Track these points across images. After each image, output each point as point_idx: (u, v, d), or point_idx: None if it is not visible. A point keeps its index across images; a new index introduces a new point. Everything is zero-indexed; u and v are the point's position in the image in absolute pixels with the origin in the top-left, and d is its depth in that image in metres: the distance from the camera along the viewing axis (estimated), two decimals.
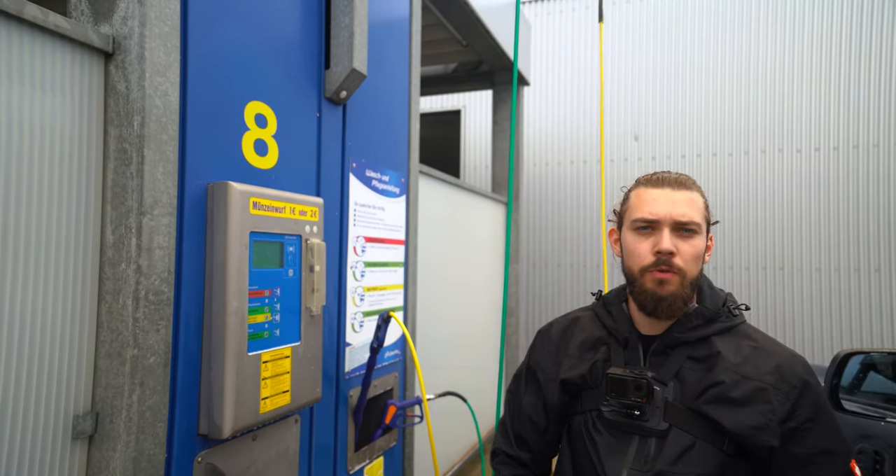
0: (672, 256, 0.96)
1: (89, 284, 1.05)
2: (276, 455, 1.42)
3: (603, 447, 0.99)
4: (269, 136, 1.41)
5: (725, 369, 0.94)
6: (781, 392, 0.92)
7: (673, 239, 0.96)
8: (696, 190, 1.02)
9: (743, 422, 0.90)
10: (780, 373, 0.93)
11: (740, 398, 0.92)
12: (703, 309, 1.00)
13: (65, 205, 1.00)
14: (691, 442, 0.93)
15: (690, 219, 0.96)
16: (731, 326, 1.00)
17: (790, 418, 0.91)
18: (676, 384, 0.97)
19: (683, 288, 0.96)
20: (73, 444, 1.01)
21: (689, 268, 0.97)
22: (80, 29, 0.99)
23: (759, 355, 0.96)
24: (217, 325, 1.19)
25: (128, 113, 1.05)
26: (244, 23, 1.33)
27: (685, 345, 0.99)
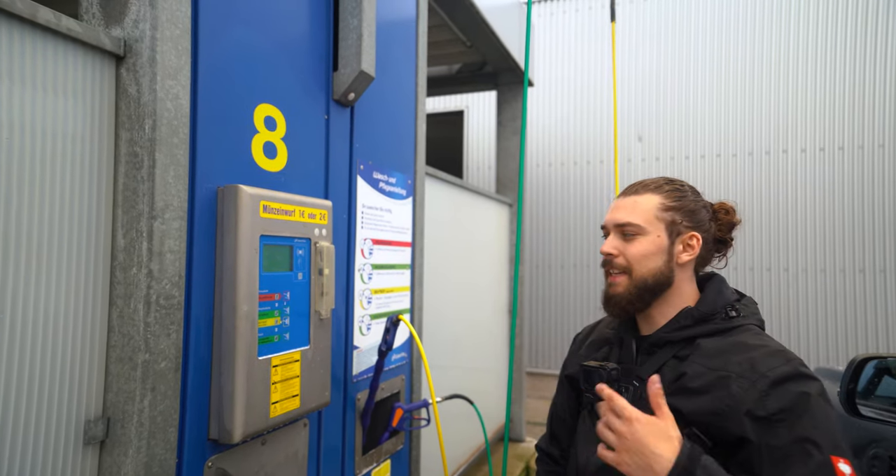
0: (612, 257, 1.04)
1: (100, 289, 1.04)
2: (286, 459, 1.41)
3: (583, 435, 1.07)
4: (278, 138, 1.41)
5: (693, 363, 0.96)
6: (746, 379, 0.89)
7: (617, 241, 1.04)
8: (653, 192, 1.05)
9: (700, 408, 0.91)
10: (752, 363, 0.91)
11: (699, 387, 0.93)
12: (694, 310, 1.01)
13: (76, 208, 0.99)
14: None
15: (626, 221, 1.03)
16: (724, 329, 0.99)
17: (758, 407, 0.87)
18: None
19: (631, 287, 1.02)
20: (84, 450, 1.01)
21: (635, 266, 1.02)
22: (92, 32, 0.98)
23: (737, 351, 0.95)
24: (227, 329, 1.19)
25: (139, 116, 1.05)
26: (253, 25, 1.33)
27: (672, 344, 1.02)
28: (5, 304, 0.88)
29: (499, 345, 3.96)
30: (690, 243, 1.04)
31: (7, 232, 0.88)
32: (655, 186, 1.07)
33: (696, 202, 1.07)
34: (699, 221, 1.05)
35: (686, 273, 1.06)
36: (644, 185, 1.08)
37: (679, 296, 1.05)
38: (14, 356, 0.89)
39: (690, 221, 1.04)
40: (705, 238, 1.06)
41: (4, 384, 0.88)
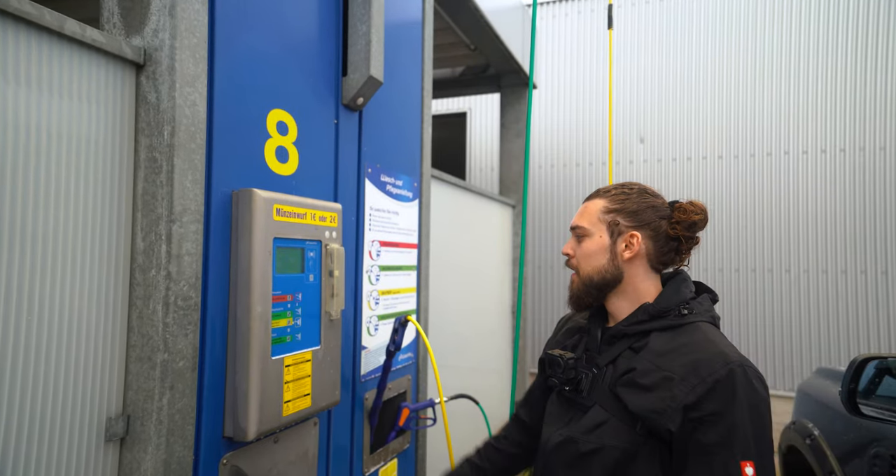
0: (569, 257, 1.17)
1: (120, 290, 1.07)
2: (296, 457, 1.44)
3: (549, 413, 1.17)
4: (289, 143, 1.44)
5: (643, 359, 1.04)
6: (687, 383, 0.97)
7: (572, 243, 1.17)
8: (602, 197, 1.16)
9: (644, 405, 0.99)
10: (694, 366, 0.98)
11: (647, 384, 1.01)
12: (650, 306, 1.09)
13: (97, 212, 1.03)
14: (606, 418, 1.05)
15: (576, 224, 1.16)
16: (676, 324, 1.06)
17: (694, 409, 0.95)
18: (611, 369, 1.09)
19: (580, 284, 1.14)
20: (105, 447, 1.04)
21: (582, 264, 1.14)
22: (114, 42, 1.02)
23: (682, 351, 1.02)
24: (242, 330, 1.22)
25: (158, 123, 1.08)
26: (267, 33, 1.36)
27: (628, 337, 1.10)
28: (32, 307, 0.91)
29: (502, 345, 3.99)
30: (631, 241, 1.11)
31: (31, 235, 0.92)
32: (605, 191, 1.18)
33: (640, 203, 1.13)
34: (642, 221, 1.12)
35: (637, 270, 1.13)
36: (598, 191, 1.19)
37: (634, 291, 1.13)
38: (40, 356, 0.92)
39: (632, 221, 1.12)
40: (653, 236, 1.12)
41: (31, 383, 0.91)
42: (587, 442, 1.05)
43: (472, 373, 3.34)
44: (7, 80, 0.86)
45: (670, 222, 1.13)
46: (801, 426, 1.99)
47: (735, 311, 5.15)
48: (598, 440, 1.04)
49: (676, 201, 1.16)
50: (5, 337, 0.87)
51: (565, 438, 1.08)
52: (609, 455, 1.02)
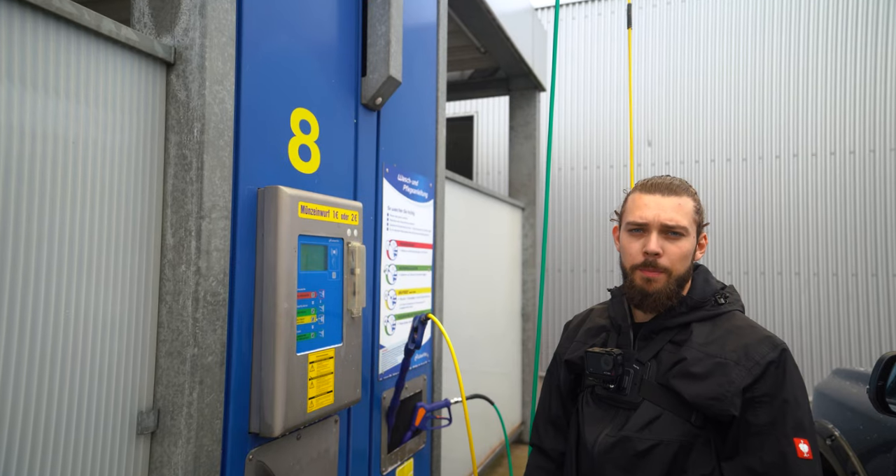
0: (658, 257, 1.07)
1: (151, 286, 1.08)
2: (318, 455, 1.45)
3: (588, 416, 1.12)
4: (311, 141, 1.45)
5: (691, 348, 1.05)
6: (743, 367, 1.00)
7: (660, 241, 1.07)
8: (687, 195, 1.11)
9: (701, 393, 0.99)
10: (746, 350, 1.01)
11: (701, 373, 1.01)
12: (688, 299, 1.10)
13: (130, 208, 1.04)
14: (658, 413, 1.03)
15: (677, 223, 1.07)
16: (714, 314, 1.09)
17: (749, 390, 0.98)
18: (654, 364, 1.08)
19: (669, 285, 1.08)
20: (136, 440, 1.05)
21: (675, 267, 1.08)
22: (146, 41, 1.03)
23: (730, 337, 1.04)
24: (268, 326, 1.23)
25: (188, 120, 1.09)
26: (291, 32, 1.37)
27: (668, 330, 1.09)
28: (70, 302, 0.92)
29: (512, 349, 3.98)
30: (703, 242, 1.14)
31: (61, 231, 0.93)
32: (685, 188, 1.12)
33: (700, 202, 1.15)
34: (704, 221, 1.15)
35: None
36: (677, 186, 1.12)
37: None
38: (77, 350, 0.93)
39: (702, 222, 1.14)
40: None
41: (67, 377, 0.92)
42: (643, 440, 1.02)
43: (482, 376, 3.33)
44: (47, 76, 0.88)
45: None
46: (820, 427, 1.98)
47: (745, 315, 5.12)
48: (655, 436, 1.02)
49: None
50: (45, 331, 0.88)
51: (619, 439, 1.04)
52: (667, 450, 1.01)
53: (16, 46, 0.83)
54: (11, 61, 0.83)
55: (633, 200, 1.13)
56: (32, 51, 0.85)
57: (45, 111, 0.88)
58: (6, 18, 0.81)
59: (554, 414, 1.26)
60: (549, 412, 1.28)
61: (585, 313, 1.32)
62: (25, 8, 0.83)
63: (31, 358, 0.86)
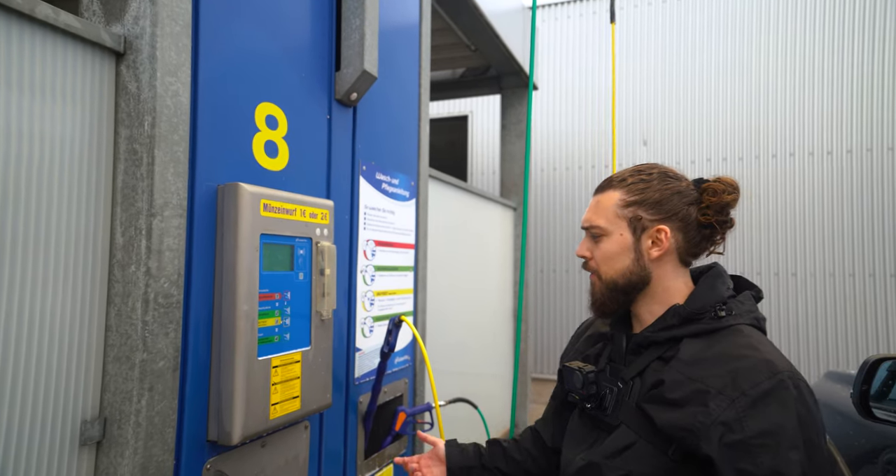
0: (586, 259, 1.03)
1: (98, 287, 1.03)
2: (286, 462, 1.39)
3: (570, 432, 1.05)
4: (279, 137, 1.40)
5: (673, 369, 0.89)
6: (725, 397, 0.81)
7: (588, 243, 1.03)
8: (616, 188, 0.99)
9: (673, 422, 0.84)
10: (734, 377, 0.83)
11: (676, 399, 0.85)
12: (681, 308, 0.93)
13: (74, 206, 0.98)
14: (633, 440, 0.90)
15: (590, 223, 1.01)
16: (712, 329, 0.91)
17: (735, 429, 0.79)
18: (638, 382, 0.94)
19: (604, 290, 1.00)
20: (80, 451, 0.99)
21: (601, 269, 1.00)
22: (92, 29, 0.98)
23: (720, 359, 0.86)
24: (227, 329, 1.17)
25: (139, 113, 1.04)
26: (255, 23, 1.32)
27: (657, 345, 0.95)
28: (7, 303, 0.87)
29: (503, 350, 3.93)
30: (658, 237, 0.96)
31: (2, 229, 0.87)
32: (619, 180, 1.00)
33: (663, 190, 0.97)
34: (669, 211, 0.96)
35: (666, 267, 0.98)
36: (611, 179, 1.02)
37: (665, 291, 0.98)
38: (10, 355, 0.88)
39: (657, 213, 0.96)
40: (682, 227, 0.97)
41: (5, 384, 0.87)
42: (612, 468, 0.89)
43: (473, 378, 3.28)
44: None
45: (700, 208, 0.97)
46: None
47: None
48: (624, 466, 0.88)
49: (702, 180, 1.01)
50: None
51: (587, 463, 0.93)
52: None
53: None
54: None
55: None
56: None
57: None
58: None
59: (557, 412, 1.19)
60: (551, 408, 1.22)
61: (592, 320, 1.20)
62: None
63: None
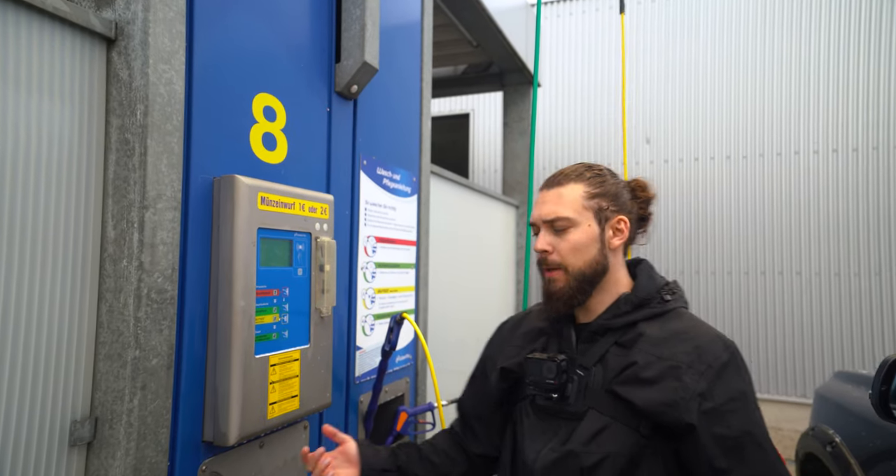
0: (548, 254, 1.02)
1: (89, 282, 0.99)
2: (284, 463, 1.36)
3: (527, 429, 1.03)
4: (277, 129, 1.36)
5: (641, 350, 0.97)
6: (695, 370, 0.93)
7: (549, 237, 1.02)
8: (576, 182, 1.04)
9: (653, 399, 0.92)
10: (698, 353, 0.95)
11: (651, 377, 0.94)
12: (632, 296, 1.03)
13: (63, 198, 0.95)
14: (606, 423, 0.95)
15: (556, 215, 1.01)
16: (661, 312, 1.02)
17: (707, 398, 0.91)
18: (600, 369, 1.00)
19: (570, 283, 1.01)
20: (70, 452, 0.95)
21: (568, 261, 1.01)
22: (81, 13, 0.94)
23: (680, 337, 0.97)
24: (223, 326, 1.13)
25: (130, 102, 1.00)
26: (253, 11, 1.29)
27: (612, 331, 1.02)
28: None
29: None
30: (619, 227, 1.04)
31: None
32: (577, 175, 1.05)
33: (616, 185, 1.06)
34: (623, 204, 1.05)
35: (618, 257, 1.07)
36: (565, 175, 1.06)
37: (615, 282, 1.05)
38: (1, 353, 0.84)
39: (616, 205, 1.04)
40: (632, 218, 1.07)
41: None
42: (590, 454, 0.93)
43: None
44: None
45: (637, 202, 1.09)
46: (821, 432, 1.89)
47: (744, 316, 5.02)
48: (601, 449, 0.93)
49: (632, 179, 1.12)
50: None
51: (563, 454, 0.95)
52: (615, 464, 0.92)
53: None
54: None
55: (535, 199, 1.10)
56: None
57: None
58: None
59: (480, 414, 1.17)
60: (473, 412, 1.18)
61: (523, 314, 1.22)
62: None
63: None
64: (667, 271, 5.30)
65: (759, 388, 4.94)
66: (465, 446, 1.19)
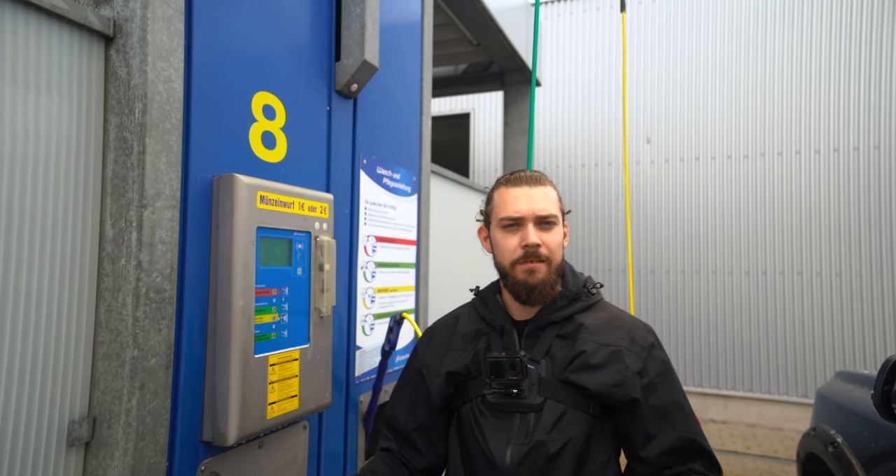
0: (539, 247, 1.08)
1: (87, 281, 0.99)
2: (284, 463, 1.35)
3: (488, 428, 1.07)
4: (277, 128, 1.35)
5: (586, 340, 1.08)
6: (633, 352, 1.07)
7: (537, 232, 1.09)
8: (549, 184, 1.15)
9: (604, 382, 1.04)
10: (631, 336, 1.09)
11: (599, 363, 1.05)
12: (567, 291, 1.13)
13: (61, 197, 0.94)
14: (563, 410, 1.04)
15: (549, 212, 1.10)
16: (590, 304, 1.14)
17: (644, 374, 1.06)
18: (548, 361, 1.08)
19: (550, 274, 1.09)
20: (68, 452, 0.95)
21: (554, 256, 1.11)
22: (79, 10, 0.94)
23: (614, 325, 1.11)
24: (222, 325, 1.13)
25: (129, 100, 1.00)
26: (252, 9, 1.28)
27: (553, 325, 1.11)
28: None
29: None
30: (566, 229, 1.17)
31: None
32: (547, 178, 1.16)
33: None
34: (566, 209, 1.19)
35: None
36: (539, 176, 1.14)
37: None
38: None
39: (565, 210, 1.18)
40: None
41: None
42: (554, 441, 1.02)
43: None
44: None
45: None
46: (822, 433, 1.88)
47: (745, 315, 5.02)
48: (563, 435, 1.03)
49: None
50: None
51: (533, 445, 1.02)
52: (575, 446, 1.02)
53: None
54: None
55: (501, 196, 1.13)
56: None
57: None
58: None
59: (402, 428, 1.18)
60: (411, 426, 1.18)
61: (451, 319, 1.26)
62: None
63: None
64: (667, 271, 5.29)
65: (761, 388, 4.93)
66: (406, 464, 1.18)
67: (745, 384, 4.98)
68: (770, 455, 4.16)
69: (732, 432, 4.71)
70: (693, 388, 5.12)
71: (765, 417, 4.89)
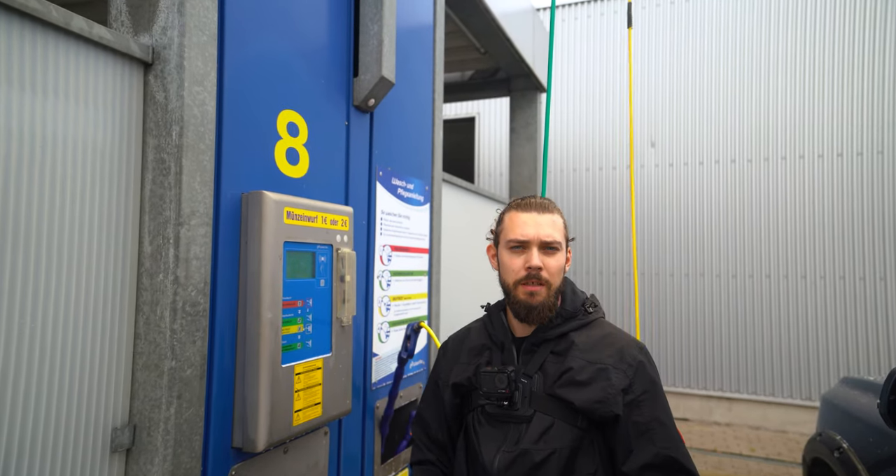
0: (540, 271, 1.14)
1: (127, 295, 1.04)
2: (307, 468, 1.40)
3: (483, 436, 1.15)
4: (300, 144, 1.40)
5: (575, 357, 1.13)
6: (619, 370, 1.11)
7: (540, 256, 1.14)
8: (557, 212, 1.21)
9: (588, 398, 1.08)
10: (620, 355, 1.13)
11: (585, 380, 1.10)
12: (563, 310, 1.19)
13: (105, 215, 0.99)
14: (551, 422, 1.10)
15: (554, 238, 1.16)
16: (586, 322, 1.19)
17: (629, 391, 1.09)
18: (540, 376, 1.14)
19: (549, 297, 1.15)
20: (111, 458, 1.00)
21: (553, 279, 1.16)
22: (122, 40, 0.99)
23: (605, 343, 1.15)
24: (251, 337, 1.18)
25: (166, 123, 1.05)
26: (278, 31, 1.33)
27: (548, 342, 1.17)
28: (36, 311, 0.88)
29: None
30: (569, 255, 1.23)
31: (34, 239, 0.88)
32: (556, 206, 1.22)
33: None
34: (571, 236, 1.25)
35: None
36: (548, 204, 1.20)
37: None
38: (44, 363, 0.89)
39: (570, 237, 1.24)
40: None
41: (35, 392, 0.87)
42: (539, 450, 1.07)
43: None
44: (11, 79, 0.83)
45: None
46: (828, 438, 1.92)
47: (749, 318, 5.05)
48: (549, 446, 1.08)
49: None
50: (8, 344, 0.84)
51: (518, 453, 1.08)
52: (560, 457, 1.07)
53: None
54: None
55: (511, 219, 1.20)
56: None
57: (9, 116, 0.84)
58: None
59: (434, 435, 1.27)
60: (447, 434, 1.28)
61: (464, 333, 1.33)
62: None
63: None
64: (671, 273, 5.33)
65: (765, 391, 4.96)
66: (448, 474, 1.26)
67: (750, 387, 5.01)
68: (774, 457, 4.19)
69: (737, 434, 4.74)
70: (697, 390, 5.15)
71: (769, 420, 4.93)
